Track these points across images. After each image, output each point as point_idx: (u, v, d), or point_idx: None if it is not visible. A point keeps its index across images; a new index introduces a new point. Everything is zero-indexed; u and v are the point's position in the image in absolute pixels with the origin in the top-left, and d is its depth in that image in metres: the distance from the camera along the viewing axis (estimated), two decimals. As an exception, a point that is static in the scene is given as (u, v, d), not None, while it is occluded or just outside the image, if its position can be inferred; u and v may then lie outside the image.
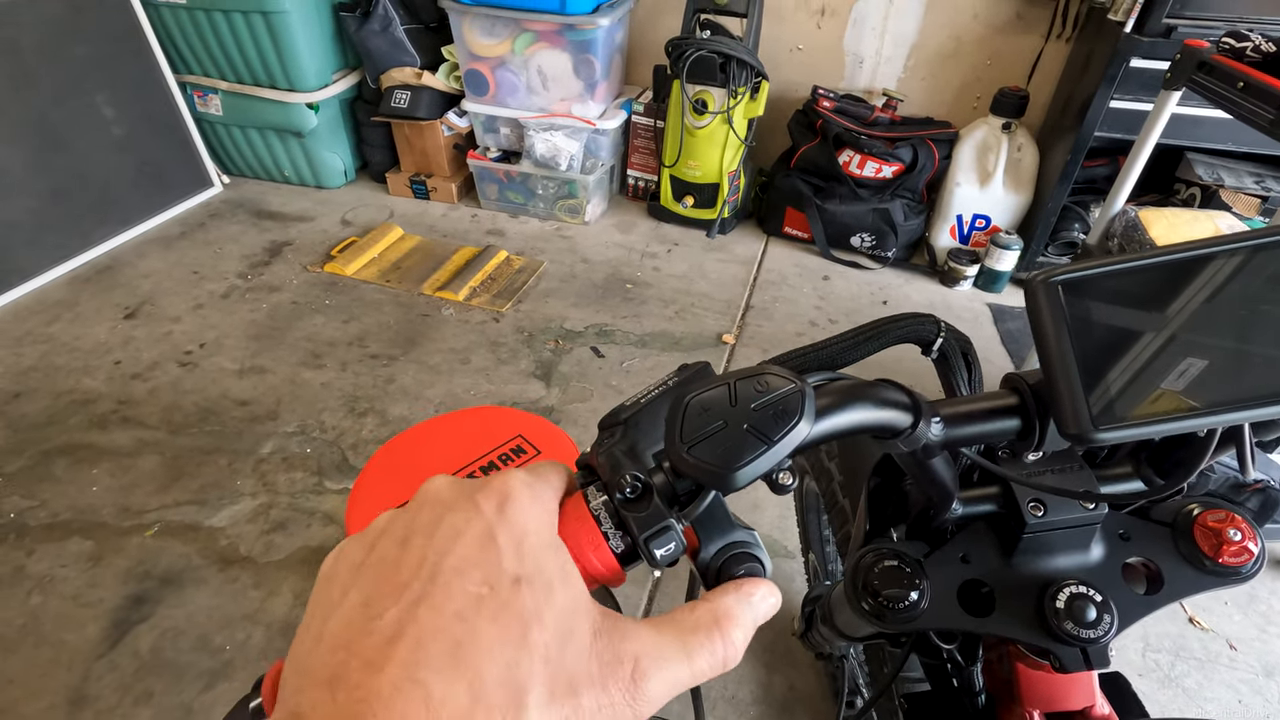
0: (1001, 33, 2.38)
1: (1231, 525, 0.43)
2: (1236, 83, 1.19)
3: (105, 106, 2.36)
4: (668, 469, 0.27)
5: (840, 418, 0.29)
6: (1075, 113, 2.11)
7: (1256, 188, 2.00)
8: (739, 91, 2.31)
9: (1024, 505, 0.42)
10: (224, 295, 2.22)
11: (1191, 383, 0.28)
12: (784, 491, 0.27)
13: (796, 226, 2.57)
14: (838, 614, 0.57)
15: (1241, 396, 0.28)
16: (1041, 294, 0.29)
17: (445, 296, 2.23)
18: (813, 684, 1.28)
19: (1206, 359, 0.28)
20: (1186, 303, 0.28)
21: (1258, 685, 1.31)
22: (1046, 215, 2.24)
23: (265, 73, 2.51)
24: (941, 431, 0.33)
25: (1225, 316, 0.28)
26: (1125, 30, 1.86)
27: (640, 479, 0.27)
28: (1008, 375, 0.34)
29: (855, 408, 0.29)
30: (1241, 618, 1.42)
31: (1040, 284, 0.29)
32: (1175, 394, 0.29)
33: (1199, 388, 0.29)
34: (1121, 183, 1.61)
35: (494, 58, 2.46)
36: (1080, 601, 0.41)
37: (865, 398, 0.30)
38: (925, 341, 0.42)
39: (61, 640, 1.29)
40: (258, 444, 1.70)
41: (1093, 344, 0.29)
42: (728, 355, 2.06)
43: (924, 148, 2.34)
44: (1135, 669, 1.33)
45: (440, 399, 1.86)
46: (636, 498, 0.27)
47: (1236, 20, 1.79)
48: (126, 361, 1.94)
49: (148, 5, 2.42)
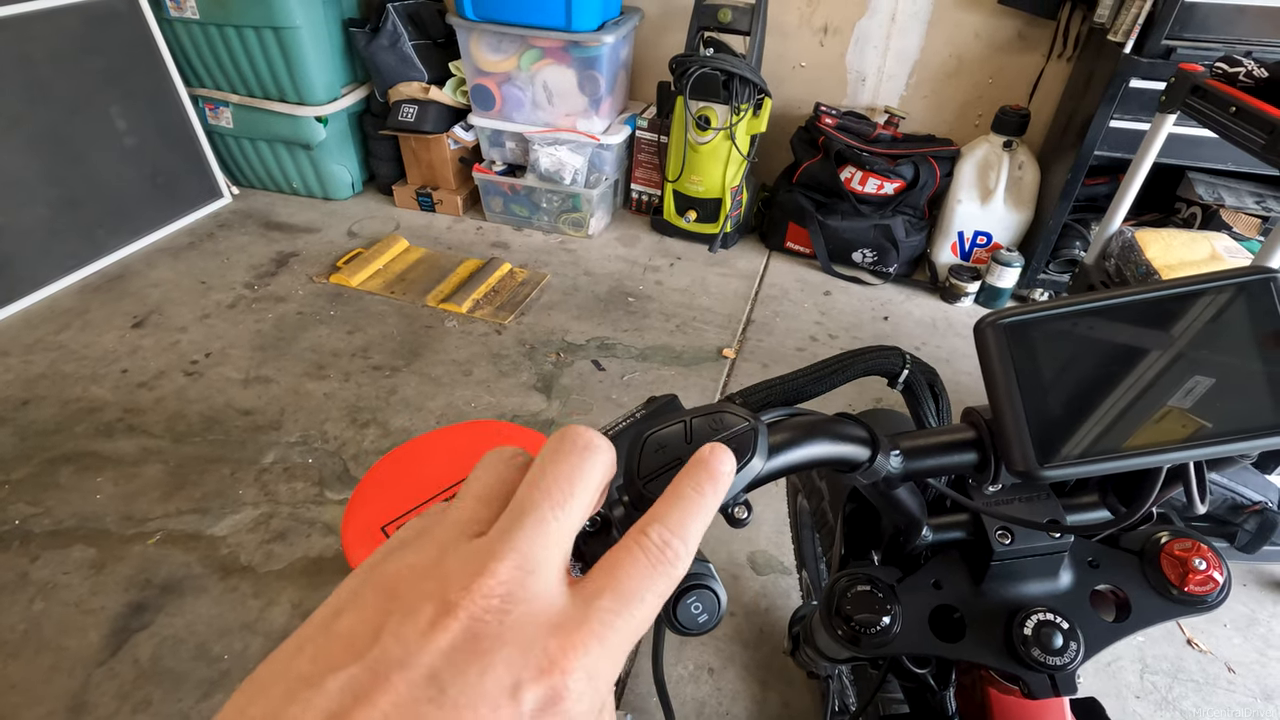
0: (1003, 52, 2.40)
1: (1197, 554, 0.44)
2: (1229, 107, 1.20)
3: (118, 118, 2.41)
4: (627, 503, 0.29)
5: (795, 454, 0.30)
6: (1076, 132, 2.12)
7: (1257, 208, 2.00)
8: (742, 108, 2.34)
9: (992, 533, 0.43)
10: (231, 305, 2.25)
11: (1134, 422, 0.29)
12: (739, 525, 0.28)
13: (798, 242, 2.59)
14: (817, 636, 0.58)
15: (1182, 437, 0.29)
16: (989, 336, 0.30)
17: (449, 308, 2.25)
18: (807, 701, 1.28)
19: (1147, 400, 0.29)
20: (1124, 345, 0.30)
21: (1256, 709, 1.30)
22: (1047, 233, 2.25)
23: (276, 86, 2.55)
24: (901, 464, 0.34)
25: (1160, 359, 0.29)
26: (1125, 51, 1.87)
27: (600, 514, 0.28)
28: (967, 410, 0.35)
29: (810, 444, 0.31)
30: (1241, 640, 1.41)
31: (987, 327, 0.30)
32: (1118, 433, 0.30)
33: (1143, 427, 0.30)
34: (1118, 203, 1.62)
35: (500, 73, 2.49)
36: (1048, 629, 0.42)
37: (820, 433, 0.31)
38: (891, 374, 0.43)
39: (62, 647, 1.30)
40: (260, 453, 1.72)
41: (1038, 385, 0.30)
42: (728, 370, 2.07)
43: (925, 165, 2.36)
44: (1133, 691, 1.32)
45: (441, 410, 1.88)
46: (596, 531, 0.28)
47: (1236, 41, 1.80)
48: (134, 370, 1.97)
49: (161, 20, 2.47)
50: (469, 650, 0.18)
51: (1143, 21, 1.83)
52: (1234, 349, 0.29)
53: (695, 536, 0.23)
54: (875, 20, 2.47)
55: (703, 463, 0.24)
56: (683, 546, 0.22)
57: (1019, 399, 0.30)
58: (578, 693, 0.19)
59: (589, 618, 0.20)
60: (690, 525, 0.23)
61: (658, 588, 0.22)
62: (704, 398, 1.96)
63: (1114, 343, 0.30)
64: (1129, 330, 0.29)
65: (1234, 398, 0.30)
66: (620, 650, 0.20)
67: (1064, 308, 0.30)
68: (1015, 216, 2.34)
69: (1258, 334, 0.29)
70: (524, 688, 0.18)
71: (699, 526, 0.23)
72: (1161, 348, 0.30)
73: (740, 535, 1.54)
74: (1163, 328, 0.29)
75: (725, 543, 1.54)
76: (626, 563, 0.22)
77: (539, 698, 0.18)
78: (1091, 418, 0.30)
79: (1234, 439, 0.29)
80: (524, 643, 0.19)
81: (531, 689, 0.18)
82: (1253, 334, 0.29)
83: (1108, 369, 0.30)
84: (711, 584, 0.29)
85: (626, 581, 0.21)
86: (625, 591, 0.21)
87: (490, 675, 0.18)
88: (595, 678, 0.19)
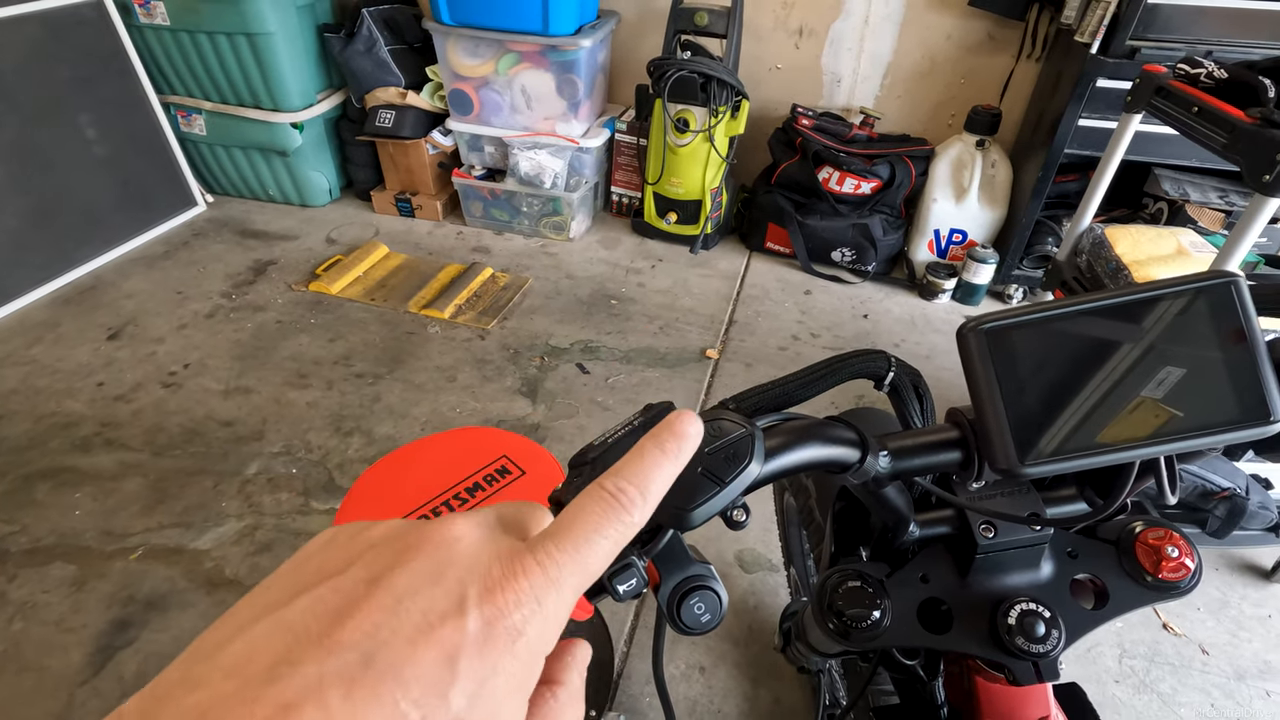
0: (974, 53, 2.45)
1: (1170, 542, 0.46)
2: (1192, 107, 1.24)
3: (88, 127, 2.37)
4: None
5: (789, 457, 0.31)
6: (1046, 130, 2.17)
7: (1221, 202, 2.06)
8: (720, 110, 2.36)
9: (975, 527, 0.44)
10: (208, 315, 2.22)
11: (1109, 420, 0.31)
12: (738, 528, 0.30)
13: (778, 242, 2.61)
14: (809, 632, 0.59)
15: (1155, 433, 0.31)
16: (971, 341, 0.31)
17: (431, 314, 2.24)
18: (797, 697, 1.29)
19: (1121, 398, 0.31)
20: (1098, 346, 0.31)
21: (1229, 689, 1.34)
22: (1021, 229, 2.30)
23: (250, 93, 2.53)
24: (889, 464, 0.35)
25: (1132, 359, 0.31)
26: (1091, 51, 1.92)
27: None
28: (950, 410, 0.36)
29: (804, 448, 0.32)
30: (1214, 623, 1.46)
31: (969, 332, 0.31)
32: (1095, 430, 0.31)
33: (1117, 424, 0.31)
34: (1088, 200, 1.66)
35: (478, 78, 2.49)
36: (1030, 618, 0.43)
37: (813, 437, 0.32)
38: (877, 376, 0.45)
39: (44, 667, 1.28)
40: (243, 465, 1.70)
41: (1019, 386, 0.31)
42: (711, 370, 2.08)
43: (901, 164, 2.39)
44: (1112, 675, 1.36)
45: (426, 417, 1.87)
46: None
47: (1197, 41, 1.85)
48: (110, 383, 1.93)
49: (130, 27, 2.43)
50: (428, 573, 0.20)
51: (1108, 22, 1.88)
52: (1200, 346, 0.31)
53: (655, 489, 0.24)
54: (849, 22, 2.51)
55: (668, 424, 0.25)
56: (639, 495, 0.23)
57: (1000, 400, 0.31)
58: (521, 617, 0.20)
59: (536, 550, 0.21)
60: (649, 476, 0.24)
61: (609, 531, 0.22)
62: (689, 399, 1.97)
63: (1089, 344, 0.31)
64: (1103, 332, 0.31)
65: (1201, 391, 0.31)
66: (567, 589, 0.21)
67: (1042, 312, 0.31)
68: (989, 214, 2.39)
69: (1220, 332, 0.31)
70: (469, 602, 0.20)
71: (660, 480, 0.24)
72: (1133, 345, 0.31)
73: (728, 534, 1.55)
74: (1134, 328, 0.31)
75: (713, 540, 1.56)
76: (580, 506, 0.23)
77: (484, 615, 0.20)
78: (1070, 416, 0.31)
79: (1201, 434, 0.31)
80: (474, 565, 0.21)
81: (476, 607, 0.20)
82: (1216, 332, 0.31)
83: (1083, 368, 0.32)
84: (713, 585, 0.30)
85: (578, 523, 0.22)
86: (575, 532, 0.22)
87: (441, 589, 0.20)
88: (541, 606, 0.20)
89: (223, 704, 0.17)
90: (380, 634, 0.19)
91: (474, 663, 0.19)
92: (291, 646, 0.18)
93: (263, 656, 0.18)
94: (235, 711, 0.17)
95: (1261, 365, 0.31)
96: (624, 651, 1.36)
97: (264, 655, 0.18)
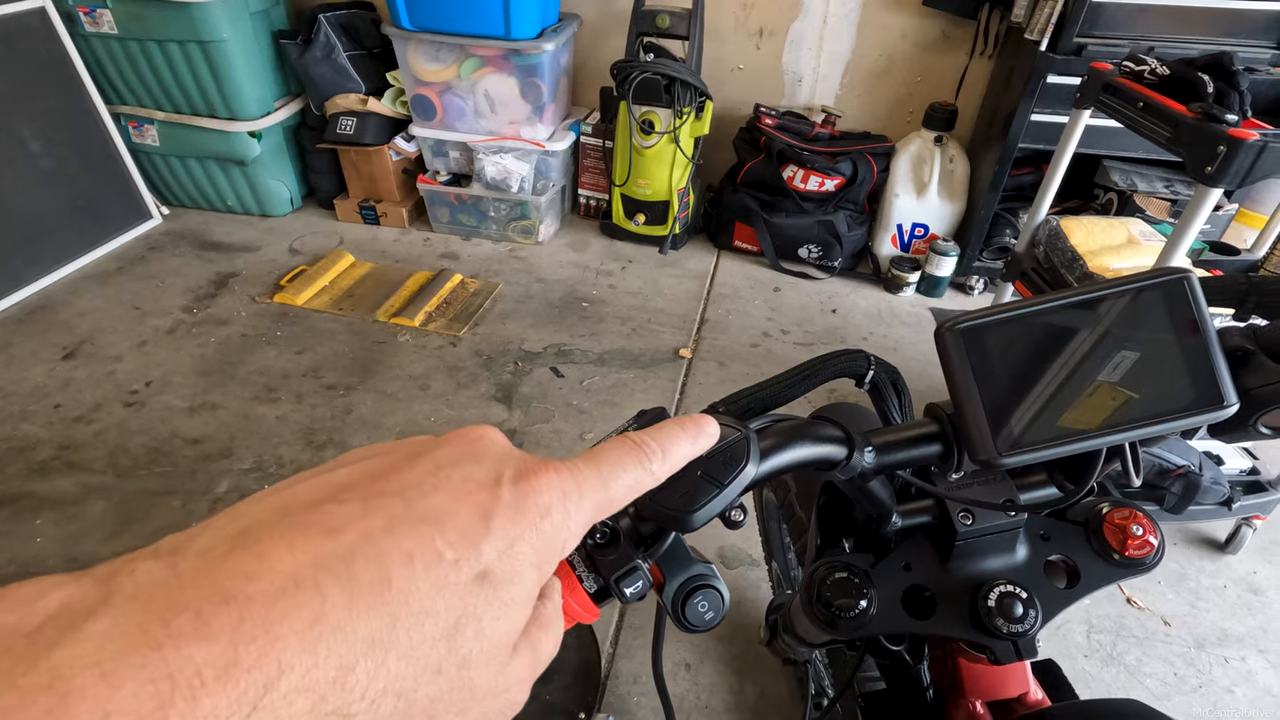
0: (929, 51, 2.51)
1: (1134, 521, 0.48)
2: (1137, 103, 1.30)
3: (32, 140, 2.29)
4: (632, 514, 0.30)
5: (782, 457, 0.33)
6: (1000, 125, 2.24)
7: (1166, 192, 2.15)
8: (684, 111, 2.38)
9: (955, 515, 0.46)
10: (169, 331, 2.16)
11: (1078, 410, 0.33)
12: (736, 527, 0.31)
13: (746, 240, 2.65)
14: (797, 623, 0.61)
15: (1123, 420, 0.33)
16: (948, 339, 0.33)
17: (401, 323, 2.22)
18: (783, 689, 1.32)
19: (1089, 389, 0.33)
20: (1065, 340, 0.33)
21: (1190, 657, 1.41)
22: (980, 222, 2.37)
23: (204, 102, 2.46)
24: (874, 459, 0.37)
25: (1098, 352, 0.33)
26: (1040, 49, 1.99)
27: (609, 525, 0.30)
28: (929, 405, 0.38)
29: (795, 447, 0.33)
30: (1174, 595, 1.52)
31: (946, 332, 0.33)
32: (1068, 420, 0.33)
33: (1088, 414, 0.33)
34: (1043, 194, 1.72)
35: (440, 83, 2.47)
36: (1008, 599, 0.45)
37: (804, 437, 0.34)
38: (858, 375, 0.47)
39: (10, 701, 1.23)
40: (212, 483, 1.66)
41: (995, 381, 0.33)
42: (685, 369, 2.10)
43: (863, 161, 2.44)
44: (1081, 650, 1.41)
45: (401, 427, 1.85)
46: (606, 542, 0.30)
47: (1140, 38, 1.93)
48: (67, 404, 1.87)
49: (76, 35, 2.35)
50: (467, 455, 0.23)
51: (1055, 20, 1.94)
52: (1159, 337, 0.33)
53: (675, 455, 0.26)
54: (808, 23, 2.55)
55: (694, 417, 0.28)
56: (660, 451, 0.26)
57: (977, 395, 0.33)
58: (549, 499, 0.22)
59: (565, 461, 0.24)
60: (672, 442, 0.26)
61: (632, 469, 0.25)
62: (664, 399, 1.99)
63: (1058, 339, 0.33)
64: (1069, 325, 0.33)
65: (1161, 379, 0.33)
66: (588, 500, 0.23)
67: (1013, 311, 0.33)
68: (949, 207, 2.45)
69: (1175, 323, 0.33)
70: (504, 479, 0.22)
71: (679, 450, 0.26)
72: (1099, 338, 0.34)
73: (709, 531, 1.57)
74: (1099, 322, 0.33)
75: (696, 538, 1.56)
76: (608, 444, 0.26)
77: (517, 489, 0.22)
78: (1043, 407, 0.33)
79: (1163, 420, 0.33)
80: (508, 456, 0.23)
81: (510, 483, 0.22)
82: (1171, 324, 0.33)
83: (1051, 361, 0.34)
84: (716, 583, 0.31)
85: (605, 455, 0.25)
86: (601, 460, 0.24)
87: (480, 466, 0.22)
88: (565, 500, 0.22)
89: (264, 527, 0.18)
90: (423, 486, 0.21)
91: (506, 525, 0.21)
92: (336, 492, 0.20)
93: (308, 497, 0.20)
94: (276, 531, 0.18)
95: (1214, 353, 0.33)
96: (610, 653, 1.37)
97: (309, 497, 0.20)
